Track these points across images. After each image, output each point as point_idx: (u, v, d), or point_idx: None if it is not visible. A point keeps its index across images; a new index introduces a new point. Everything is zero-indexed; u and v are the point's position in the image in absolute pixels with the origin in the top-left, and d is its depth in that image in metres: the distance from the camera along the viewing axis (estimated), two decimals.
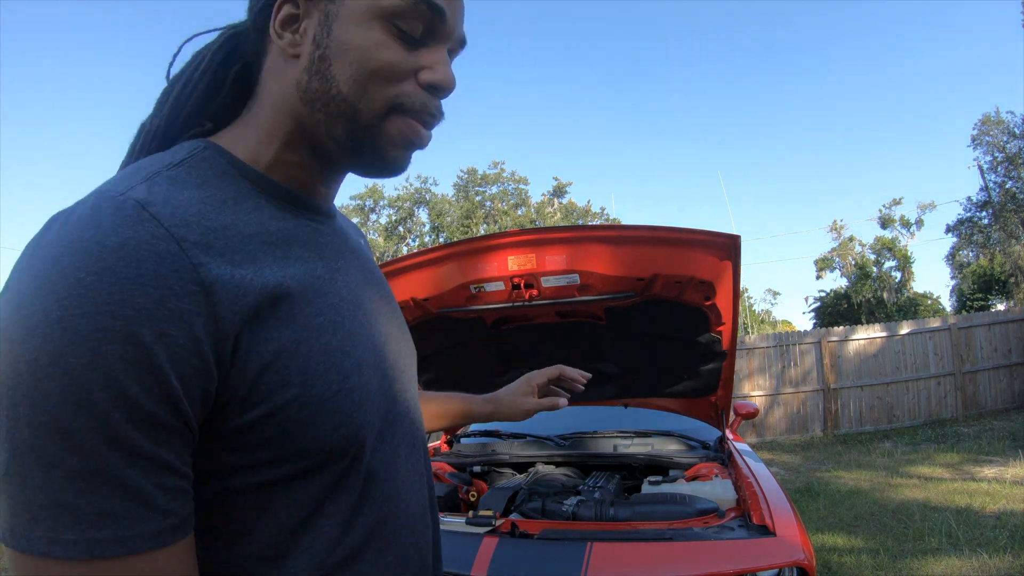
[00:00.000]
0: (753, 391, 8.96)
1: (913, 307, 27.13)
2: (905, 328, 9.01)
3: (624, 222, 26.55)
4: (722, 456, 2.27)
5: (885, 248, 28.39)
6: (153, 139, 0.53)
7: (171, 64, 0.55)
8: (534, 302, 1.96)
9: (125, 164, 0.52)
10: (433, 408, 0.98)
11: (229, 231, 0.44)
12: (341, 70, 0.48)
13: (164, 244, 0.39)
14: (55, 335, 0.35)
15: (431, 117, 0.52)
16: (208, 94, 0.54)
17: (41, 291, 0.37)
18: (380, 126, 0.50)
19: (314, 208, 0.54)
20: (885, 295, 27.49)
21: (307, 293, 0.47)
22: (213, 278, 0.41)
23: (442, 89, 0.51)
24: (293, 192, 0.52)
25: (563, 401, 1.02)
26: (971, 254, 26.07)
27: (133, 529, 0.37)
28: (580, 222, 27.40)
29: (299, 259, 0.49)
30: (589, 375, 1.09)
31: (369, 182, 23.61)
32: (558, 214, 28.39)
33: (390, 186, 27.09)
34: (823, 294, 31.14)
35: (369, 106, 0.49)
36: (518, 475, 2.38)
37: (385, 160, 0.52)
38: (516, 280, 1.89)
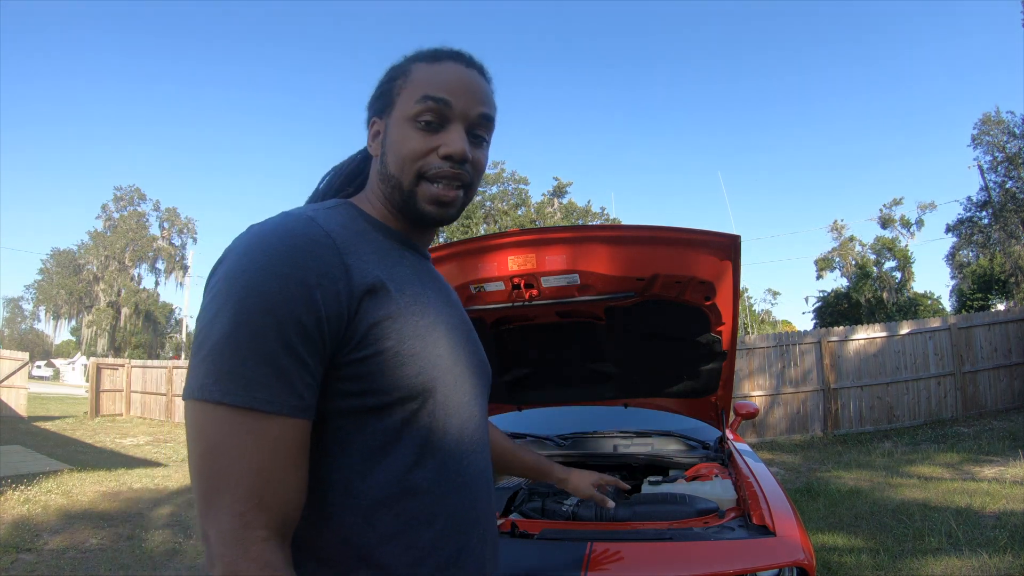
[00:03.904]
0: (753, 391, 8.96)
1: (913, 307, 27.14)
2: (905, 328, 9.01)
3: (624, 222, 26.57)
4: (722, 456, 2.27)
5: (885, 248, 28.41)
6: (317, 198, 0.89)
7: (338, 167, 0.92)
8: (534, 302, 1.96)
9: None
10: (519, 459, 1.33)
11: (358, 245, 0.71)
12: (391, 159, 0.77)
13: (325, 238, 0.66)
14: (260, 272, 0.61)
15: (453, 179, 0.76)
16: (349, 178, 0.90)
17: (255, 248, 0.63)
18: (415, 191, 0.76)
19: (412, 247, 0.81)
20: (885, 295, 27.51)
21: (405, 289, 0.72)
22: (350, 263, 0.67)
23: (454, 156, 0.74)
24: (397, 233, 0.80)
25: (611, 503, 1.47)
26: (971, 254, 26.09)
27: (278, 397, 0.59)
28: (580, 222, 27.40)
29: (401, 271, 0.74)
30: (627, 487, 1.59)
31: None
32: (558, 214, 28.40)
33: None
34: (823, 294, 31.14)
35: (406, 179, 0.76)
36: None
37: (424, 214, 0.77)
38: (516, 280, 1.89)
